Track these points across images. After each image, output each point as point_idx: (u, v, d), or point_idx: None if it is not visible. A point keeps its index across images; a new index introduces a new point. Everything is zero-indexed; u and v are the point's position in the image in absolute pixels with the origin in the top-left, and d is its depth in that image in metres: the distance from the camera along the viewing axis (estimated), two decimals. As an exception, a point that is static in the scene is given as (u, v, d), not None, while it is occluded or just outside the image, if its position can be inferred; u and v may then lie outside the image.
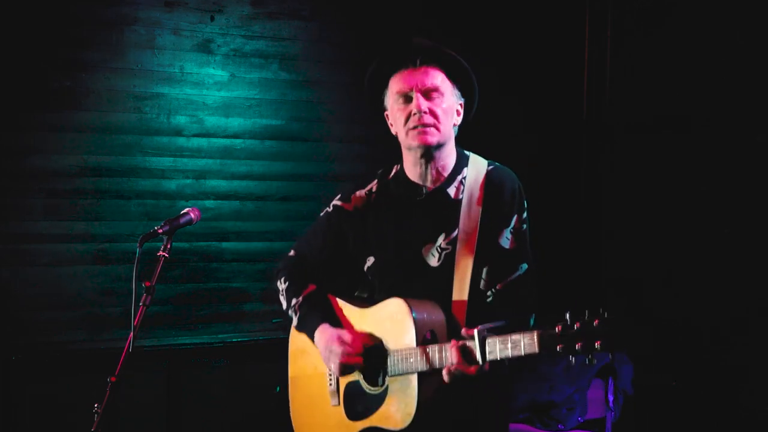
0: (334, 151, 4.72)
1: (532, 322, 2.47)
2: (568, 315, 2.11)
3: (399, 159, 2.69)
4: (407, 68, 2.50)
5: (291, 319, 2.73)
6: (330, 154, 4.71)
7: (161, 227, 2.52)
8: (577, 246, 5.14)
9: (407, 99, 2.48)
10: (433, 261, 2.52)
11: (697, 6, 4.47)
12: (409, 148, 2.53)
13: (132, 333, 2.38)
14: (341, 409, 2.60)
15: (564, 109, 5.14)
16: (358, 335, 2.54)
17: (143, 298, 2.44)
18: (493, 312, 2.44)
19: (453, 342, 2.30)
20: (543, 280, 2.61)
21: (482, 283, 2.50)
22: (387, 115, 2.59)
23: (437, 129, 2.46)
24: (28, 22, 4.06)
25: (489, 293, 2.50)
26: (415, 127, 2.46)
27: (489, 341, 2.23)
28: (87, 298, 4.21)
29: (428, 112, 2.45)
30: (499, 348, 2.22)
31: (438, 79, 2.49)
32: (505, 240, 2.51)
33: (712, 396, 4.31)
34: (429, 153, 2.50)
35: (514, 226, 2.52)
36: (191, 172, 4.43)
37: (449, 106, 2.50)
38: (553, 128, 5.10)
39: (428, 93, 2.47)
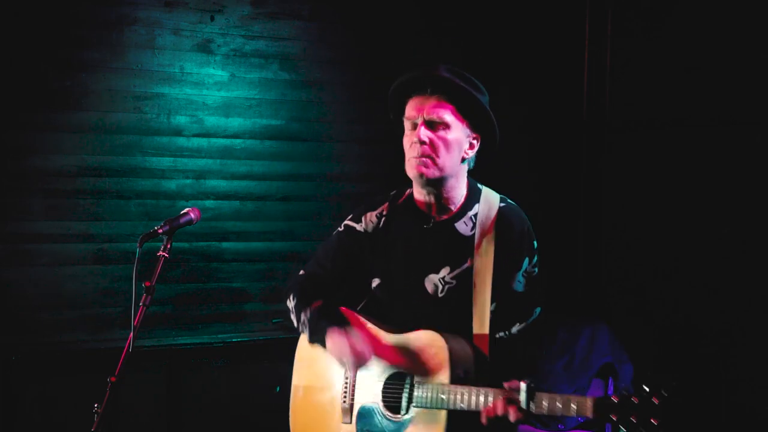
0: (334, 151, 4.73)
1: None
2: (624, 387, 2.19)
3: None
4: (419, 95, 2.48)
5: (300, 332, 2.71)
6: (330, 154, 4.72)
7: (161, 227, 2.52)
8: (577, 246, 5.15)
9: (413, 126, 2.48)
10: (435, 291, 2.52)
11: (697, 6, 4.47)
12: (412, 178, 2.53)
13: (132, 333, 2.37)
14: (353, 428, 2.56)
15: (564, 109, 5.14)
16: (382, 347, 2.52)
17: (143, 298, 2.44)
18: (513, 348, 2.47)
19: (496, 392, 2.30)
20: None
21: (490, 320, 2.49)
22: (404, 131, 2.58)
23: (434, 162, 2.44)
24: (28, 22, 4.06)
25: (502, 335, 2.50)
26: (413, 157, 2.46)
27: (538, 395, 2.24)
28: (87, 298, 4.21)
29: (427, 144, 2.43)
30: (548, 406, 2.23)
31: (445, 111, 2.45)
32: (518, 284, 2.51)
33: (712, 396, 4.30)
34: (429, 184, 2.49)
35: (527, 269, 2.52)
36: (191, 172, 4.43)
37: (455, 138, 2.46)
38: (553, 128, 5.10)
39: (433, 124, 2.45)
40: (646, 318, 4.69)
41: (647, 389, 2.13)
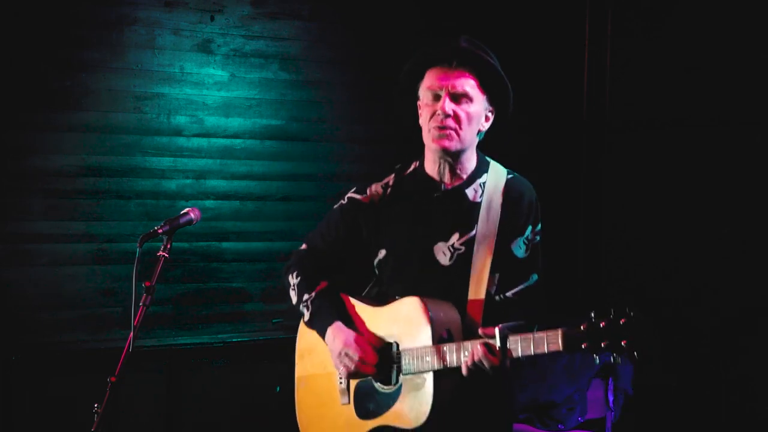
0: (334, 151, 4.73)
1: (535, 328, 2.49)
2: (593, 313, 2.12)
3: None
4: (442, 66, 2.48)
5: (301, 315, 2.71)
6: (330, 154, 4.71)
7: (161, 227, 2.52)
8: (577, 246, 5.14)
9: (436, 97, 2.47)
10: (444, 259, 2.53)
11: (697, 6, 4.47)
12: (428, 148, 2.54)
13: (132, 333, 2.37)
14: (351, 407, 2.60)
15: (564, 109, 5.14)
16: (372, 338, 2.55)
17: (143, 298, 2.44)
18: (506, 313, 2.46)
19: (473, 342, 2.31)
20: (543, 281, 2.62)
21: (493, 288, 2.51)
22: (419, 105, 2.56)
23: (457, 134, 2.46)
24: (29, 22, 4.06)
25: (498, 298, 2.52)
26: (436, 128, 2.46)
27: (511, 338, 2.25)
28: (87, 298, 4.21)
29: (452, 116, 2.45)
30: (521, 346, 2.24)
31: (469, 84, 2.47)
32: (518, 249, 2.53)
33: (713, 396, 4.31)
34: (448, 155, 2.51)
35: (528, 236, 2.54)
36: (191, 172, 4.43)
37: (476, 111, 2.48)
38: (553, 128, 5.10)
39: (457, 97, 2.46)
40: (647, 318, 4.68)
41: (613, 312, 2.10)
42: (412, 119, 2.60)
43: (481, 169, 2.58)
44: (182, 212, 2.62)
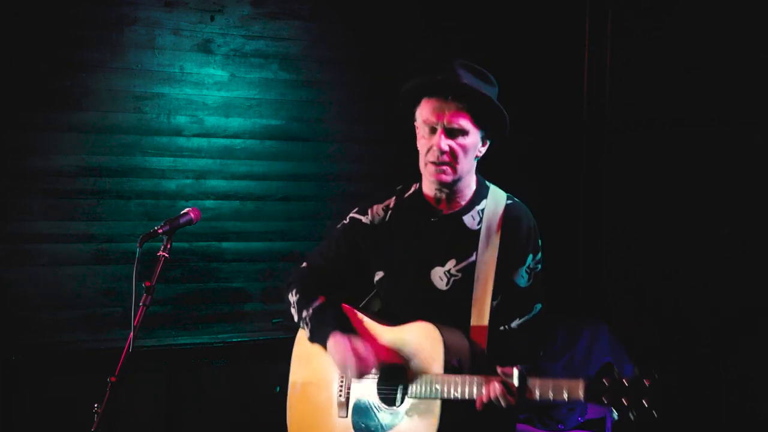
0: (334, 151, 4.72)
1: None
2: (615, 369, 2.17)
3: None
4: (438, 98, 2.46)
5: (300, 327, 2.72)
6: (330, 154, 4.71)
7: (161, 227, 2.52)
8: (577, 246, 5.14)
9: (432, 130, 2.47)
10: (441, 284, 2.54)
11: (697, 6, 4.47)
12: (425, 177, 2.55)
13: (132, 333, 2.37)
14: (348, 421, 2.58)
15: (564, 109, 5.14)
16: (378, 349, 2.54)
17: (143, 298, 2.44)
18: (511, 343, 2.49)
19: (489, 378, 2.31)
20: (546, 309, 2.63)
21: (492, 314, 2.50)
22: (417, 126, 2.56)
23: (453, 169, 2.47)
24: (28, 22, 4.06)
25: (502, 329, 2.53)
26: (432, 163, 2.47)
27: (530, 381, 2.26)
28: (87, 298, 4.21)
29: (447, 152, 2.45)
30: (540, 390, 2.25)
31: (465, 119, 2.45)
32: (521, 279, 2.54)
33: (713, 396, 4.30)
34: (445, 186, 2.53)
35: (530, 265, 2.55)
36: (191, 172, 4.43)
37: (472, 142, 2.48)
38: (553, 128, 5.10)
39: (453, 132, 2.45)
40: (646, 318, 4.69)
41: (638, 372, 2.14)
42: (411, 126, 2.60)
43: (481, 194, 2.59)
44: (182, 212, 2.62)
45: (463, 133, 2.45)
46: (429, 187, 2.58)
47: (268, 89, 4.57)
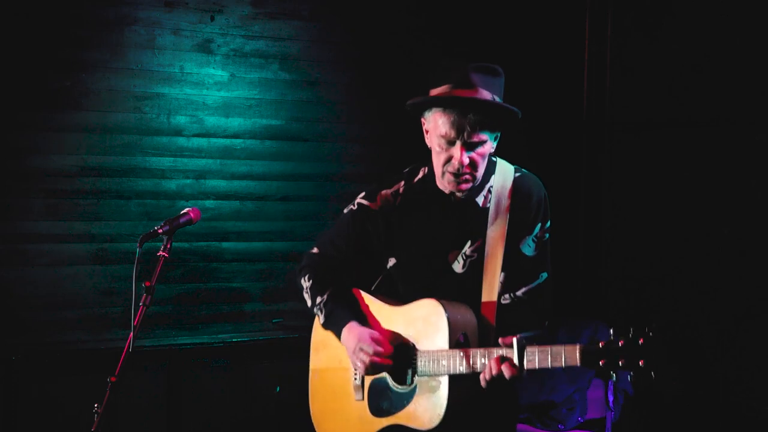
0: (334, 151, 4.73)
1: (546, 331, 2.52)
2: (612, 330, 2.13)
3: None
4: (457, 113, 2.40)
5: (315, 314, 2.74)
6: (330, 154, 4.71)
7: (161, 227, 2.53)
8: (578, 246, 5.14)
9: (449, 143, 2.44)
10: (458, 267, 2.55)
11: (697, 6, 4.47)
12: (440, 181, 2.52)
13: (132, 333, 2.38)
14: (365, 404, 2.62)
15: (564, 108, 5.14)
16: (388, 335, 2.56)
17: (143, 298, 2.45)
18: (516, 312, 2.49)
19: (491, 351, 2.32)
20: (552, 278, 2.63)
21: (500, 286, 2.52)
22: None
23: (473, 177, 2.47)
24: (29, 22, 4.06)
25: (509, 297, 2.53)
26: (452, 174, 2.45)
27: (528, 350, 2.26)
28: (87, 298, 4.21)
29: (468, 165, 2.43)
30: (539, 358, 2.24)
31: (484, 132, 2.43)
32: (527, 247, 2.55)
33: (713, 396, 4.30)
34: (464, 191, 2.52)
35: (537, 234, 2.55)
36: (191, 172, 4.43)
37: (489, 147, 2.48)
38: (553, 128, 5.10)
39: (472, 145, 2.43)
40: (646, 318, 4.68)
41: (633, 331, 2.11)
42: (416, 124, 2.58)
43: (489, 171, 2.57)
44: (182, 212, 2.62)
45: (483, 143, 2.44)
46: (445, 188, 2.55)
47: (268, 89, 4.57)
